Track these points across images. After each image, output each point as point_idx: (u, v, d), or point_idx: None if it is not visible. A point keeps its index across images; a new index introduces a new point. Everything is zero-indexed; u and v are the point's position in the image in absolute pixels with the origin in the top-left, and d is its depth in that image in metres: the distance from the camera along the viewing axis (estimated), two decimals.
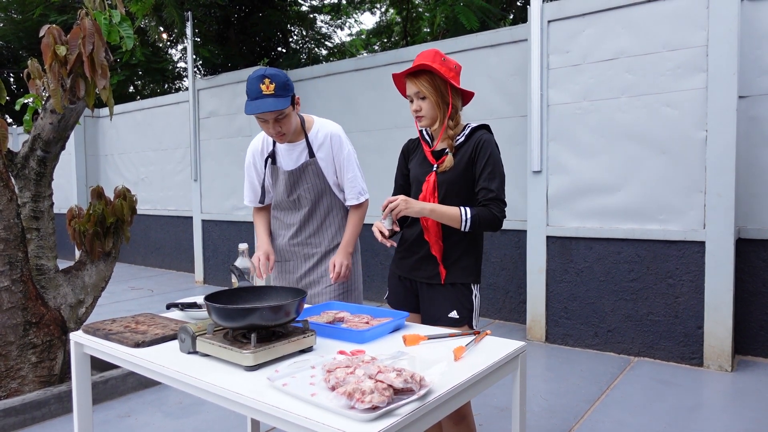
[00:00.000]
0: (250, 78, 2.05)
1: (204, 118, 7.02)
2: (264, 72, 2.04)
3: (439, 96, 1.92)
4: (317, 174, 2.27)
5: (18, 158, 3.29)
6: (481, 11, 6.93)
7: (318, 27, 11.70)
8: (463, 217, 1.88)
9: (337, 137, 2.28)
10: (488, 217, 1.89)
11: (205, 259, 7.19)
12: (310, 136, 2.27)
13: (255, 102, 2.04)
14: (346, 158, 2.28)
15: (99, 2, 3.10)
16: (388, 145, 5.48)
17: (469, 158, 1.95)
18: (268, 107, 2.03)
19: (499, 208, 1.92)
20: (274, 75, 2.04)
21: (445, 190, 1.96)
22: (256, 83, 2.03)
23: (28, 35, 10.61)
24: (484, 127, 2.03)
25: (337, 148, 2.27)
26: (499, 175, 1.94)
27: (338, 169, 2.30)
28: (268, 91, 2.02)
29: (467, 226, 1.88)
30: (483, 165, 1.93)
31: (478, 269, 2.02)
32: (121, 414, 3.15)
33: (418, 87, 1.92)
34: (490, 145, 1.95)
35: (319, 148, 2.26)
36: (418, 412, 1.15)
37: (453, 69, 1.94)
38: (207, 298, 1.52)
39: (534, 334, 4.40)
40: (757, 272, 3.81)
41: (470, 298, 1.98)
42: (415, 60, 1.94)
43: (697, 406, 3.13)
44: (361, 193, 2.33)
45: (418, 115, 1.96)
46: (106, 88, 3.01)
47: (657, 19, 3.80)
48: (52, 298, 3.30)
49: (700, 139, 3.68)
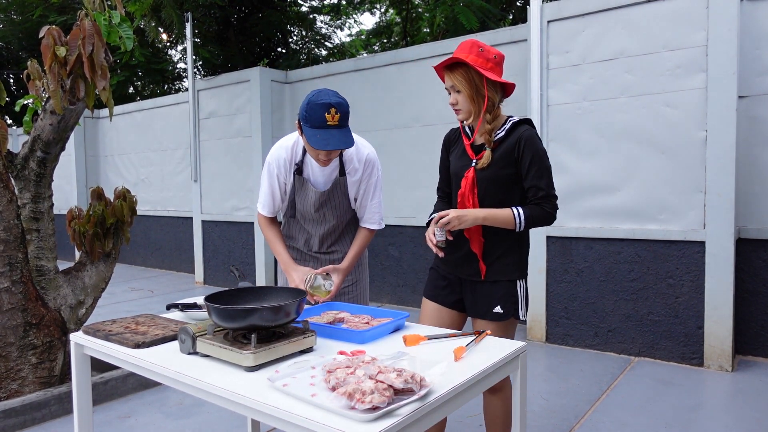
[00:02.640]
0: (314, 103, 1.91)
1: (204, 118, 7.02)
2: (330, 100, 1.91)
3: (474, 89, 1.88)
4: (344, 193, 2.23)
5: (18, 159, 3.29)
6: (481, 11, 6.93)
7: (318, 27, 11.70)
8: (517, 219, 1.87)
9: (371, 163, 2.22)
10: (542, 215, 1.90)
11: (205, 259, 7.19)
12: (344, 154, 2.18)
13: (320, 132, 1.90)
14: (375, 184, 2.24)
15: (98, 3, 3.10)
16: (388, 146, 5.48)
17: (510, 155, 1.91)
18: (339, 144, 1.92)
19: (551, 205, 1.92)
20: (339, 104, 1.92)
21: (485, 187, 1.94)
22: (322, 111, 1.90)
23: (28, 36, 10.62)
24: (526, 121, 1.97)
25: (368, 172, 2.22)
26: (547, 172, 1.92)
27: (363, 192, 2.24)
28: (333, 122, 1.91)
29: (522, 226, 1.88)
30: (529, 163, 1.89)
31: (522, 266, 2.01)
32: (122, 415, 3.15)
33: (452, 80, 1.90)
34: (534, 141, 1.90)
35: (352, 170, 2.20)
36: (418, 413, 1.15)
37: (492, 60, 1.88)
38: (207, 299, 1.52)
39: (534, 334, 4.40)
40: (758, 272, 3.81)
41: (514, 291, 1.97)
42: (455, 51, 1.91)
43: (697, 406, 3.13)
44: (381, 220, 2.31)
45: (455, 108, 1.93)
46: (105, 89, 3.01)
47: (656, 19, 3.80)
48: (52, 299, 3.29)
49: (700, 138, 3.68)
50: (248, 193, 6.57)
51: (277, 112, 6.45)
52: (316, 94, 1.95)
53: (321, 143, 1.91)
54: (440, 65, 1.92)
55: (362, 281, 2.41)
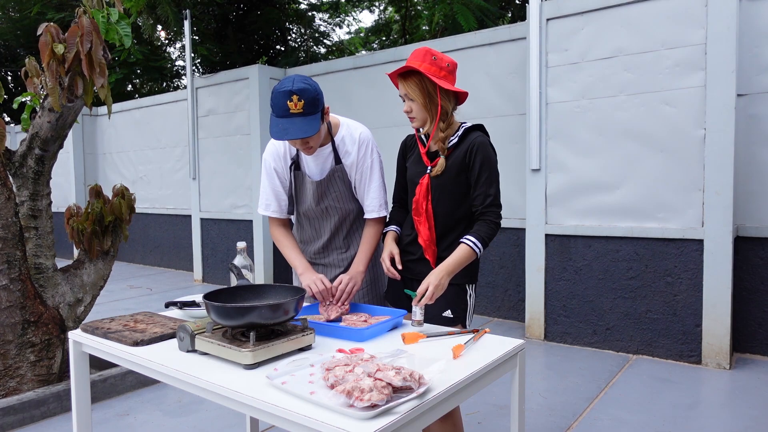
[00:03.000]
0: (276, 91, 1.82)
1: (202, 116, 7.01)
2: (291, 87, 1.80)
3: (427, 98, 1.88)
4: (344, 181, 2.12)
5: (16, 157, 3.28)
6: (480, 10, 6.93)
7: (316, 25, 11.68)
8: (475, 248, 1.87)
9: (364, 142, 2.09)
10: (490, 231, 1.90)
11: (203, 257, 7.18)
12: (336, 140, 2.08)
13: (282, 122, 1.82)
14: (370, 166, 2.11)
15: (97, 1, 3.09)
16: (386, 143, 5.45)
17: (462, 161, 1.92)
18: (297, 134, 1.81)
19: (495, 214, 1.92)
20: (302, 90, 1.80)
21: (439, 194, 1.95)
22: (283, 99, 1.81)
23: (26, 33, 10.58)
24: (478, 127, 1.98)
25: (363, 153, 2.09)
26: (496, 180, 1.93)
27: (360, 176, 2.12)
28: (296, 110, 1.81)
29: (481, 252, 1.90)
30: (479, 170, 1.91)
31: (473, 271, 2.01)
32: (120, 413, 3.15)
33: (406, 89, 1.90)
34: (485, 148, 1.91)
35: (345, 154, 2.09)
36: (416, 410, 1.15)
37: (445, 68, 1.88)
38: (206, 297, 1.52)
39: (533, 332, 4.41)
40: (756, 270, 3.82)
41: (464, 297, 1.98)
42: (408, 59, 1.91)
43: (695, 403, 3.14)
44: (383, 205, 2.13)
45: (410, 116, 1.94)
46: (104, 87, 3.00)
47: (655, 17, 3.80)
48: (51, 296, 3.29)
49: (699, 137, 3.68)
50: (247, 191, 6.56)
51: None
52: (281, 82, 1.85)
53: (279, 133, 1.83)
54: (394, 73, 1.91)
55: (380, 278, 2.28)
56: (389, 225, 2.13)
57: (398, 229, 2.12)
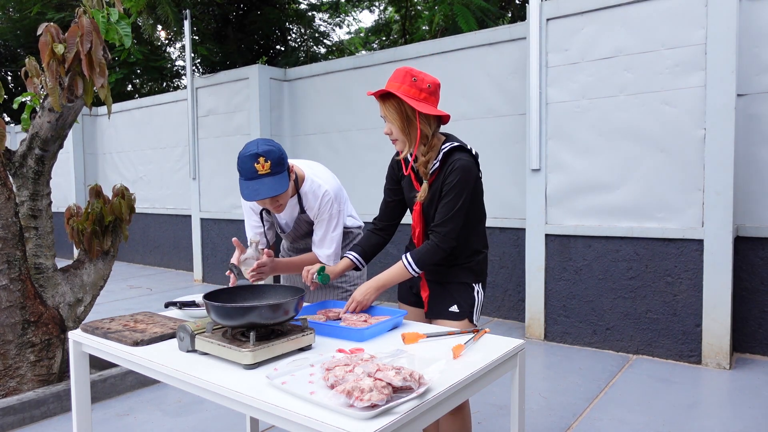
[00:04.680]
0: (242, 156, 1.90)
1: (202, 116, 7.01)
2: (257, 150, 1.89)
3: (406, 121, 1.81)
4: (310, 226, 2.24)
5: (16, 157, 3.28)
6: (480, 10, 6.93)
7: (316, 25, 11.69)
8: (409, 268, 1.87)
9: (326, 198, 2.14)
10: (431, 253, 1.86)
11: (203, 257, 7.18)
12: (301, 191, 2.16)
13: (251, 184, 1.90)
14: (326, 221, 2.16)
15: (97, 1, 3.09)
16: (386, 144, 5.47)
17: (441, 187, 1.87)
18: (269, 192, 1.89)
19: (441, 237, 1.85)
20: (267, 152, 1.89)
21: (430, 219, 1.93)
22: (250, 162, 1.88)
23: (26, 33, 10.58)
24: (459, 149, 1.87)
25: (323, 209, 2.15)
26: (457, 205, 1.83)
27: (318, 228, 2.19)
28: (264, 171, 1.89)
29: (416, 272, 1.88)
30: (447, 190, 1.83)
31: (478, 269, 2.02)
32: (120, 413, 3.15)
33: (384, 111, 1.83)
34: (460, 171, 1.82)
35: (308, 208, 2.18)
36: (416, 410, 1.15)
37: (425, 89, 1.80)
38: (206, 297, 1.52)
39: (533, 332, 4.41)
40: (756, 270, 3.82)
41: (471, 294, 1.99)
42: (389, 79, 1.84)
43: (695, 403, 3.14)
44: (337, 257, 2.18)
45: (391, 138, 1.88)
46: (104, 87, 3.00)
47: (655, 17, 3.80)
48: (51, 296, 3.29)
49: (699, 137, 3.68)
50: None
51: (276, 110, 6.45)
52: (245, 146, 1.93)
53: (251, 194, 1.90)
54: (376, 94, 1.84)
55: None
56: (352, 250, 2.10)
57: (356, 258, 2.07)
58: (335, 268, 2.04)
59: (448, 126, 2.43)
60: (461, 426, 1.96)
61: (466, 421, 1.97)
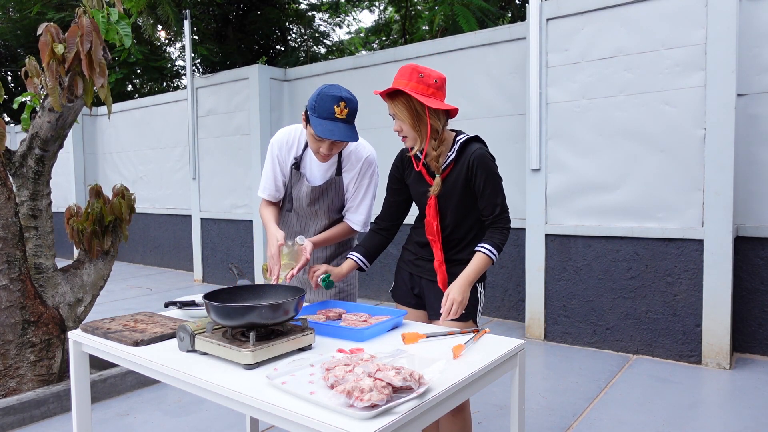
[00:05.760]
0: (325, 95, 1.93)
1: (202, 116, 7.01)
2: (341, 94, 1.94)
3: (416, 118, 1.84)
4: (338, 192, 2.22)
5: (16, 157, 3.28)
6: (480, 11, 6.93)
7: (316, 25, 11.69)
8: (492, 256, 1.89)
9: (368, 163, 2.20)
10: (503, 238, 1.93)
11: (203, 257, 7.18)
12: (344, 153, 2.18)
13: (327, 123, 1.92)
14: (366, 186, 2.22)
15: (97, 1, 3.09)
16: (386, 144, 5.46)
17: (465, 177, 1.91)
18: (343, 136, 1.93)
19: (506, 220, 1.94)
20: (349, 100, 1.96)
21: (446, 210, 1.96)
22: (331, 104, 1.92)
23: (26, 33, 10.59)
24: (475, 139, 1.95)
25: (363, 171, 2.20)
26: (500, 189, 1.93)
27: (354, 191, 2.22)
28: (341, 116, 1.93)
29: (497, 259, 1.92)
30: (483, 183, 1.89)
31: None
32: (120, 413, 3.15)
33: (394, 109, 1.86)
34: (484, 161, 1.89)
35: (348, 168, 2.20)
36: (416, 410, 1.15)
37: (432, 85, 1.84)
38: (206, 297, 1.52)
39: (533, 332, 4.41)
40: (756, 270, 3.82)
41: (475, 294, 1.99)
42: (394, 77, 1.87)
43: (695, 403, 3.14)
44: (366, 224, 2.24)
45: (401, 136, 1.91)
46: (104, 87, 3.00)
47: (656, 17, 3.80)
48: (51, 296, 3.29)
49: (699, 137, 3.68)
50: (247, 191, 6.56)
51: (276, 109, 6.45)
52: (328, 87, 1.97)
53: (326, 132, 1.91)
54: (381, 93, 1.88)
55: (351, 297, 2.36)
56: (355, 250, 2.11)
57: (360, 259, 2.08)
58: (340, 270, 2.04)
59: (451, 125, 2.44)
60: (461, 426, 1.97)
61: (467, 421, 1.98)
